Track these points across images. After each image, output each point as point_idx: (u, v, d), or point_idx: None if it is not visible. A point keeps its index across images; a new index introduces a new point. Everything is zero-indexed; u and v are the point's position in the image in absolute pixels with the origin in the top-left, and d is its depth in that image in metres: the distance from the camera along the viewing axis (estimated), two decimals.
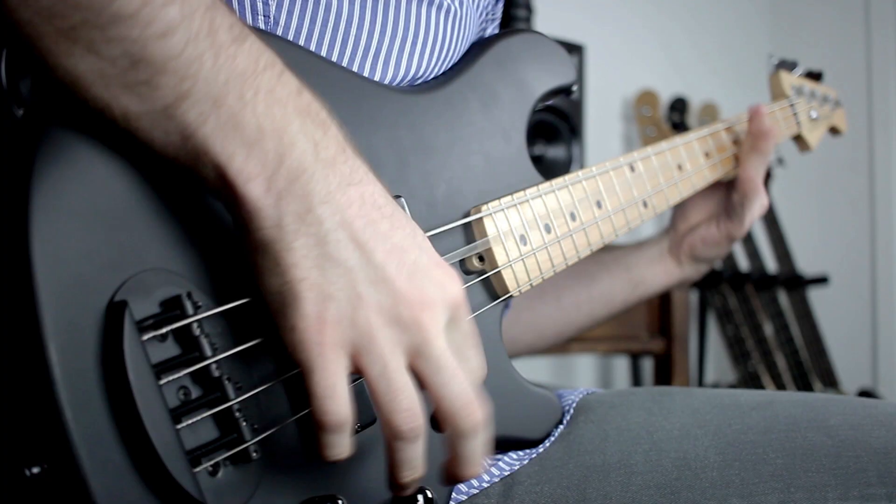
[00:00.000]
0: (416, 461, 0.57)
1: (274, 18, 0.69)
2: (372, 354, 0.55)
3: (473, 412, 0.58)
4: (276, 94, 0.54)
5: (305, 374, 0.54)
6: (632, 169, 0.92)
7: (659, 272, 1.08)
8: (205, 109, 0.51)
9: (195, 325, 0.53)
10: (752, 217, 1.04)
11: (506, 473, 0.78)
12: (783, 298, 2.89)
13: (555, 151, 2.29)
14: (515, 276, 0.77)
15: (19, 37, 0.50)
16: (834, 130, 1.30)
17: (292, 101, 0.54)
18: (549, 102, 0.91)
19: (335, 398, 0.53)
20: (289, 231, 0.53)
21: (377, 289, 0.55)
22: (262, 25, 0.69)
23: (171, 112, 0.51)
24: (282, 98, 0.54)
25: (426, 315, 0.56)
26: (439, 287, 0.58)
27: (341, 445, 0.55)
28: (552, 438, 0.81)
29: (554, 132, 2.28)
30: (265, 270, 0.54)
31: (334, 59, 0.72)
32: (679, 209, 1.08)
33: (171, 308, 0.53)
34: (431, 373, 0.57)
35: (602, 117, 2.84)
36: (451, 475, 0.60)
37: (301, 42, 0.71)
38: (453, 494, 0.73)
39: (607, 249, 0.97)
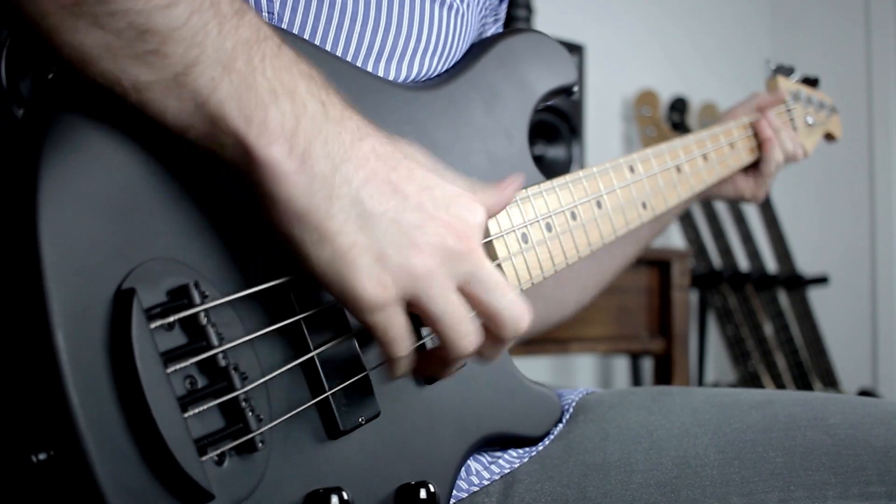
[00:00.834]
0: (462, 364, 0.65)
1: (278, 15, 0.69)
2: (432, 296, 0.58)
3: (524, 319, 0.62)
4: (280, 59, 0.55)
5: (374, 333, 0.57)
6: (631, 170, 0.93)
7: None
8: (216, 75, 0.52)
9: (202, 314, 0.54)
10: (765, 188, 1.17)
11: (506, 471, 0.78)
12: (783, 298, 2.89)
13: (555, 151, 2.29)
14: (516, 273, 0.77)
15: (23, 18, 0.50)
16: (829, 137, 1.31)
17: (295, 66, 0.55)
18: (550, 102, 0.92)
19: (404, 342, 0.59)
20: (321, 197, 0.54)
21: (424, 230, 0.57)
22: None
23: (181, 79, 0.51)
24: (286, 64, 0.55)
25: (473, 242, 0.60)
26: (471, 212, 0.60)
27: (407, 366, 0.61)
28: (552, 437, 0.81)
29: (554, 132, 2.28)
30: (310, 243, 0.55)
31: (339, 55, 0.72)
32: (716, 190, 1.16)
33: (179, 297, 0.53)
34: (484, 292, 0.60)
35: (602, 117, 2.84)
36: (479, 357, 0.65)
37: (305, 38, 0.71)
38: (454, 492, 0.74)
39: None
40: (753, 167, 1.15)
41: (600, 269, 1.10)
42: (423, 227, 0.57)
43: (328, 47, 0.72)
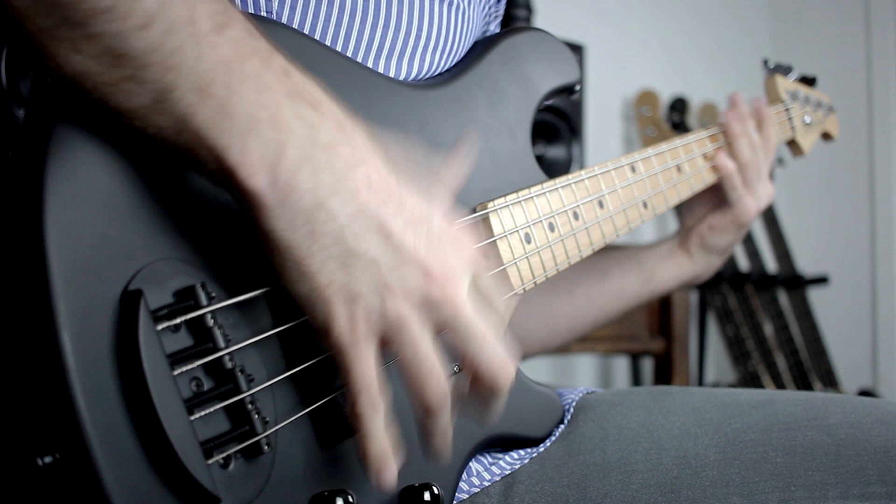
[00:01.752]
0: (446, 429, 0.60)
1: (276, 14, 0.69)
2: (403, 340, 0.56)
3: (507, 371, 0.60)
4: (264, 79, 0.52)
5: (341, 369, 0.55)
6: (633, 169, 0.93)
7: (669, 266, 1.09)
8: (193, 100, 0.50)
9: (209, 316, 0.53)
10: (758, 201, 1.07)
11: (506, 472, 0.78)
12: (783, 298, 2.89)
13: (555, 151, 2.29)
14: (520, 274, 0.77)
15: (17, 38, 0.50)
16: (826, 136, 1.31)
17: (281, 84, 0.53)
18: (551, 102, 0.92)
19: (370, 389, 0.56)
20: (303, 234, 0.53)
21: (401, 273, 0.55)
22: None
23: (160, 106, 0.50)
24: (270, 83, 0.52)
25: (451, 288, 0.57)
26: (457, 251, 0.59)
27: (377, 425, 0.57)
28: (553, 438, 0.81)
29: (554, 132, 2.28)
30: (289, 277, 0.54)
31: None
32: (685, 206, 1.10)
33: (185, 298, 0.53)
34: (463, 342, 0.58)
35: (602, 117, 2.84)
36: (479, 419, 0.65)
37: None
38: (455, 493, 0.74)
39: (619, 247, 0.98)
40: (721, 201, 1.09)
41: (575, 313, 1.08)
42: (400, 269, 0.55)
43: (328, 43, 0.71)
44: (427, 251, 0.56)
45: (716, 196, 1.08)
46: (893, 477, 0.68)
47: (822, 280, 3.00)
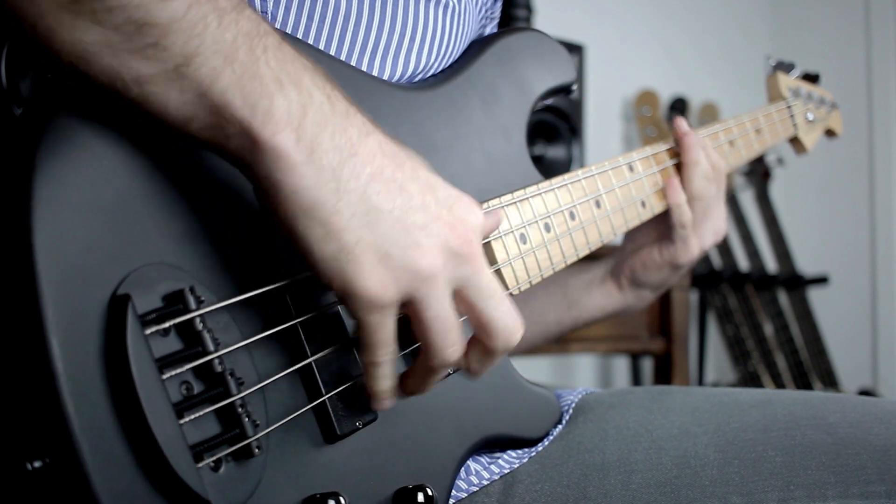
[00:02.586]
0: (441, 377, 0.63)
1: (271, 14, 0.69)
2: (429, 298, 0.57)
3: (517, 331, 0.62)
4: (282, 52, 0.54)
5: (364, 331, 0.57)
6: (630, 169, 0.92)
7: (596, 295, 1.02)
8: (217, 65, 0.51)
9: (197, 320, 0.53)
10: (701, 243, 0.97)
11: (505, 471, 0.78)
12: (783, 298, 2.89)
13: (555, 151, 2.29)
14: (515, 274, 0.77)
15: (21, 20, 0.50)
16: (830, 133, 1.30)
17: (298, 60, 0.55)
18: (549, 102, 0.92)
19: (388, 347, 0.58)
20: (329, 191, 0.53)
21: (428, 231, 0.57)
22: None
23: (183, 70, 0.51)
24: (289, 57, 0.54)
25: (474, 245, 0.59)
26: (473, 214, 0.60)
27: (387, 376, 0.60)
28: (550, 438, 0.81)
29: (554, 132, 2.28)
30: (314, 238, 0.54)
31: (332, 54, 0.72)
32: (632, 229, 0.97)
33: (174, 302, 0.53)
34: (481, 299, 0.60)
35: (602, 117, 2.84)
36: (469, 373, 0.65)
37: (298, 37, 0.70)
38: (453, 492, 0.74)
39: None
40: (665, 233, 0.98)
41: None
42: (428, 227, 0.57)
43: (322, 46, 0.72)
44: (448, 211, 0.58)
45: (661, 222, 0.98)
46: (893, 476, 0.68)
47: (822, 280, 3.00)
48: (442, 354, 0.59)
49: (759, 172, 2.94)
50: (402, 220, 0.56)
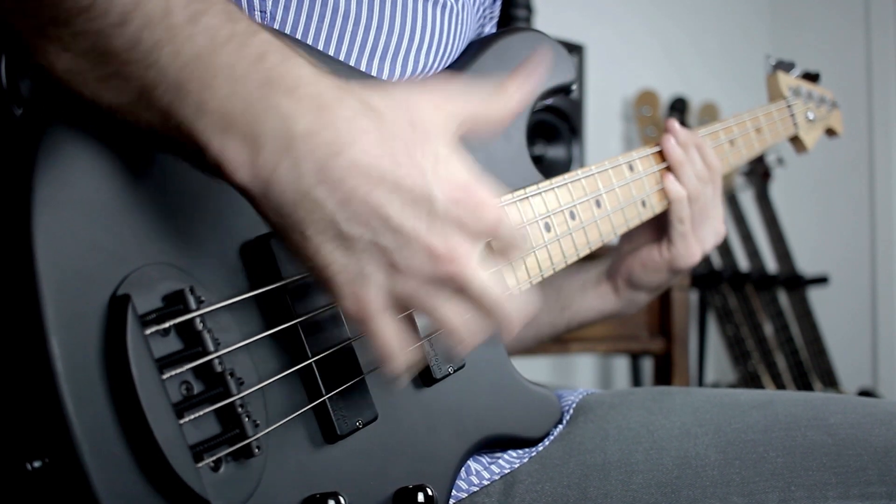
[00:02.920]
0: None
1: (270, 14, 0.69)
2: (423, 309, 0.56)
3: (520, 313, 0.60)
4: (236, 71, 0.50)
5: (364, 334, 0.56)
6: (631, 168, 0.92)
7: (592, 297, 1.00)
8: (173, 97, 0.50)
9: (198, 320, 0.53)
10: (702, 245, 0.95)
11: (506, 472, 0.78)
12: (783, 298, 2.89)
13: (555, 151, 2.29)
14: (515, 275, 0.77)
15: (10, 37, 0.50)
16: (830, 132, 1.30)
17: (256, 72, 0.51)
18: (549, 103, 0.91)
19: (394, 346, 0.56)
20: (294, 221, 0.52)
21: (404, 254, 0.54)
22: (257, 19, 0.69)
23: (146, 101, 0.51)
24: (243, 74, 0.51)
25: (457, 265, 0.55)
26: (464, 224, 0.56)
27: (401, 366, 0.58)
28: (551, 437, 0.81)
29: (554, 132, 2.28)
30: (294, 254, 0.54)
31: (331, 54, 0.72)
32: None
33: (174, 303, 0.53)
34: (476, 301, 0.57)
35: (602, 117, 2.83)
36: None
37: (297, 37, 0.70)
38: (454, 492, 0.74)
39: None
40: (663, 232, 0.96)
41: None
42: (402, 250, 0.54)
43: (321, 46, 0.71)
44: (429, 231, 0.54)
45: (659, 226, 0.96)
46: (893, 477, 0.68)
47: (822, 280, 3.00)
48: (458, 339, 0.59)
49: (759, 172, 2.94)
50: (376, 242, 0.54)
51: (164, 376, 0.51)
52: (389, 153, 0.53)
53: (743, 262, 2.89)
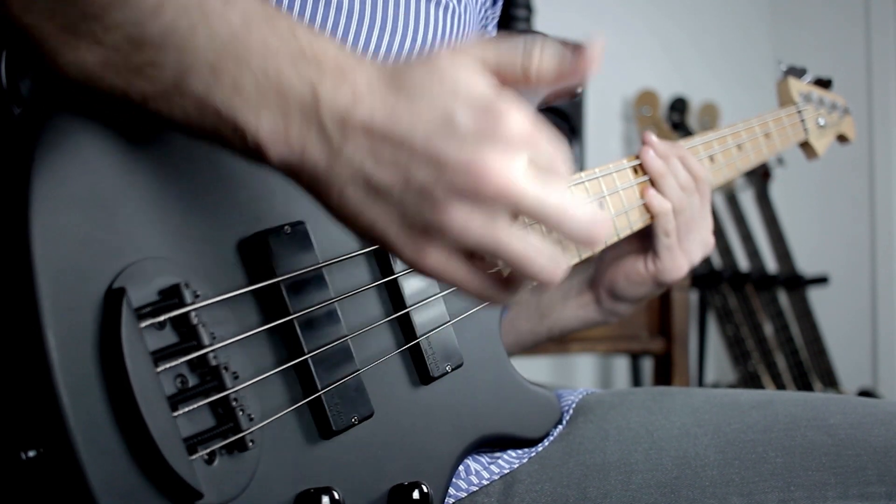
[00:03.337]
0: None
1: None
2: (482, 246, 0.51)
3: (600, 226, 0.53)
4: (269, 46, 0.51)
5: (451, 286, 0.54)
6: (635, 171, 0.92)
7: (573, 306, 0.97)
8: (209, 80, 0.51)
9: (193, 314, 0.54)
10: (689, 258, 0.92)
11: (505, 471, 0.78)
12: (783, 298, 2.89)
13: None
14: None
15: (27, 42, 0.50)
16: (842, 138, 1.30)
17: (285, 47, 0.52)
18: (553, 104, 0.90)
19: (480, 289, 0.53)
20: (332, 185, 0.51)
21: (444, 181, 0.50)
22: None
23: (181, 88, 0.51)
24: (274, 48, 0.51)
25: (501, 178, 0.50)
26: (497, 142, 0.51)
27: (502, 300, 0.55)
28: (551, 438, 0.81)
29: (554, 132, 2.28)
30: (348, 227, 0.53)
31: None
32: None
33: (170, 296, 0.53)
34: (538, 216, 0.51)
35: (602, 117, 2.83)
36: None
37: None
38: (452, 491, 0.74)
39: None
40: (648, 246, 0.93)
41: None
42: (440, 179, 0.50)
43: None
44: (460, 150, 0.50)
45: (644, 237, 0.93)
46: (893, 477, 0.69)
47: (822, 280, 3.00)
48: (532, 274, 0.53)
49: (759, 172, 2.94)
50: (409, 182, 0.51)
51: (159, 369, 0.51)
52: (406, 94, 0.52)
53: (743, 262, 2.89)
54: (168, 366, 0.52)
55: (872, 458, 0.70)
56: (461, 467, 0.76)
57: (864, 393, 2.83)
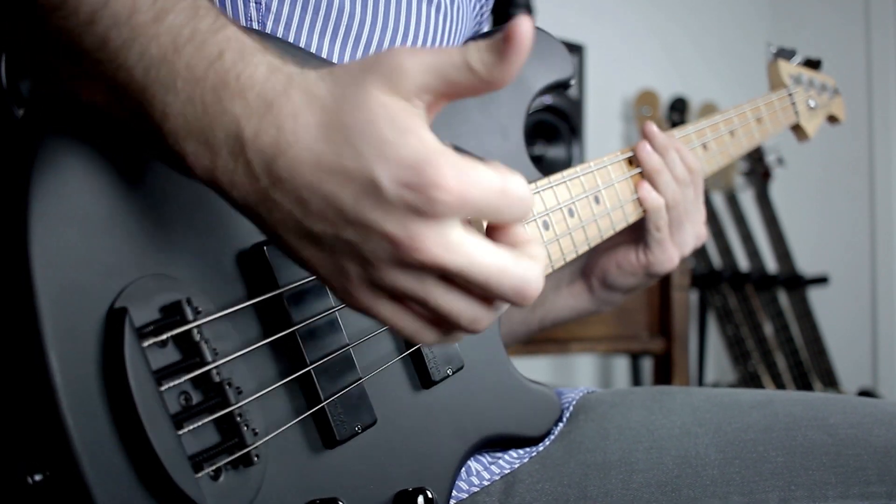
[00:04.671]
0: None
1: (266, 5, 0.69)
2: (411, 298, 0.51)
3: (534, 286, 0.53)
4: (195, 72, 0.49)
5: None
6: (630, 163, 0.92)
7: (565, 295, 0.97)
8: (141, 100, 0.49)
9: (195, 330, 0.53)
10: (681, 250, 0.92)
11: (506, 471, 0.78)
12: (783, 298, 2.89)
13: (555, 151, 2.29)
14: None
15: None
16: (832, 119, 1.29)
17: (210, 75, 0.49)
18: (549, 102, 0.91)
19: (410, 329, 0.53)
20: (264, 221, 0.51)
21: (370, 245, 0.49)
22: (253, 12, 0.69)
23: (121, 103, 0.50)
24: (201, 76, 0.49)
25: (424, 253, 0.49)
26: (421, 211, 0.49)
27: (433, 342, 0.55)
28: (552, 437, 0.81)
29: (554, 132, 2.28)
30: (283, 254, 0.53)
31: (325, 47, 0.72)
32: None
33: (171, 314, 0.53)
34: (464, 283, 0.51)
35: (602, 117, 2.84)
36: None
37: (292, 30, 0.70)
38: (454, 493, 0.73)
39: None
40: (641, 236, 0.93)
41: None
42: (366, 242, 0.49)
43: (314, 36, 0.71)
44: (384, 219, 0.49)
45: (636, 227, 0.93)
46: (893, 477, 0.69)
47: (822, 280, 3.00)
48: (454, 334, 0.55)
49: (759, 172, 2.94)
50: (339, 237, 0.50)
51: (163, 388, 0.51)
52: (333, 144, 0.49)
53: (743, 262, 2.89)
54: (172, 384, 0.52)
55: (873, 458, 0.70)
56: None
57: (864, 393, 2.83)
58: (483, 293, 0.52)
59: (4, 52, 0.53)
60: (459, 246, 0.50)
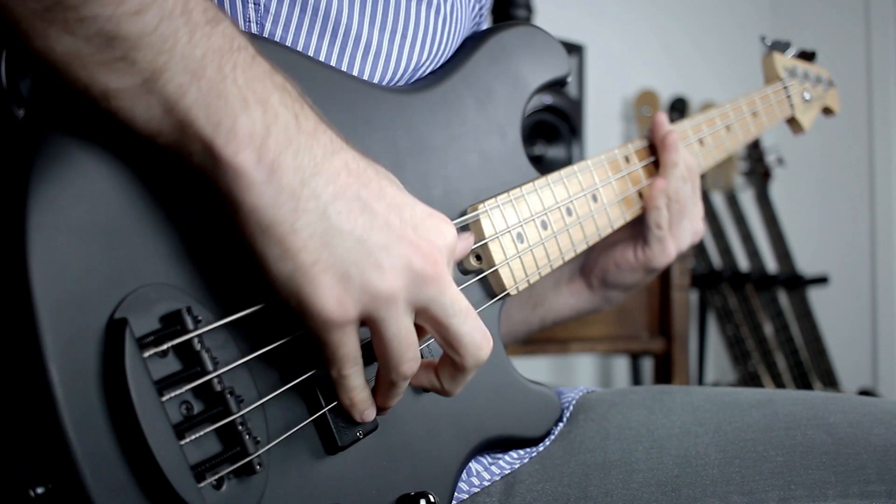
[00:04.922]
0: (403, 391, 0.62)
1: (265, 6, 0.69)
2: (388, 319, 0.56)
3: (485, 347, 0.61)
4: (253, 70, 0.53)
5: (325, 349, 0.57)
6: (627, 160, 0.92)
7: (565, 294, 0.98)
8: (184, 81, 0.51)
9: (196, 340, 0.53)
10: (678, 245, 0.94)
11: (506, 472, 0.78)
12: (783, 298, 2.89)
13: (555, 151, 2.29)
14: (513, 274, 0.77)
15: (3, 24, 0.50)
16: (827, 111, 1.28)
17: (269, 78, 0.54)
18: (549, 103, 0.91)
19: (350, 362, 0.58)
20: (287, 210, 0.53)
21: (389, 251, 0.56)
22: (252, 13, 0.69)
23: (150, 86, 0.51)
24: (259, 74, 0.54)
25: (439, 266, 0.58)
26: (440, 234, 0.59)
27: (357, 388, 0.60)
28: (552, 436, 0.81)
29: (554, 132, 2.28)
30: (271, 257, 0.54)
31: (324, 49, 0.72)
32: None
33: (172, 323, 0.52)
34: (446, 317, 0.59)
35: (602, 117, 2.84)
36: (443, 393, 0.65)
37: (290, 31, 0.70)
38: (455, 494, 0.73)
39: None
40: (639, 233, 0.94)
41: None
42: (389, 248, 0.56)
43: (313, 37, 0.72)
44: (413, 231, 0.57)
45: (635, 225, 0.94)
46: (893, 476, 0.69)
47: (822, 280, 3.00)
48: (399, 369, 0.59)
49: (759, 172, 2.94)
50: (364, 240, 0.55)
51: (164, 398, 0.51)
52: (372, 167, 0.59)
53: (743, 262, 2.89)
54: (173, 394, 0.51)
55: (872, 457, 0.70)
56: None
57: (864, 393, 2.83)
58: (448, 331, 0.60)
59: (5, 51, 0.53)
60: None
